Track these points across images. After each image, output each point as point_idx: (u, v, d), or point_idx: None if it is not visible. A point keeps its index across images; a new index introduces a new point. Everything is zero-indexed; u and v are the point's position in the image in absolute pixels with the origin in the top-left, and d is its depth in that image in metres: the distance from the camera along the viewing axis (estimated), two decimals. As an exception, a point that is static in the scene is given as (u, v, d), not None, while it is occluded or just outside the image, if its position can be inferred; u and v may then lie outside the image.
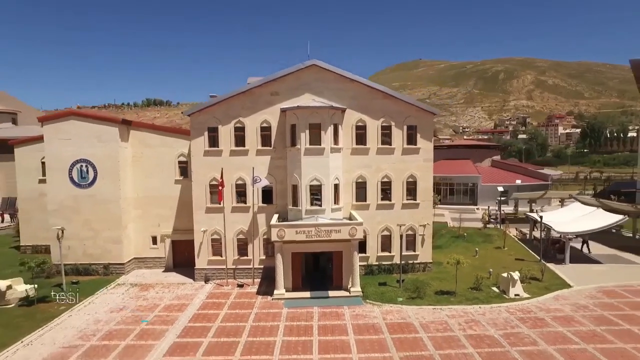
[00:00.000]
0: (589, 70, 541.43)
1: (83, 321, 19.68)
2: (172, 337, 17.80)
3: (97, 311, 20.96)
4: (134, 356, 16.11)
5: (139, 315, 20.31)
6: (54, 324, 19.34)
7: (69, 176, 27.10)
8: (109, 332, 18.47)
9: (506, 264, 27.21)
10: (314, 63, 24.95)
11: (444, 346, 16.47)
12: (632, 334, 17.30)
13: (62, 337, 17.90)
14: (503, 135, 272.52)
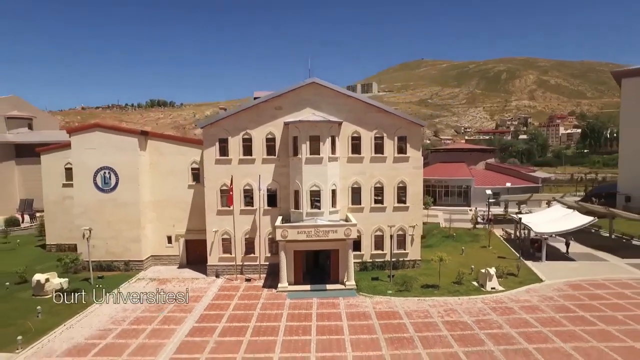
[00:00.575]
0: (592, 69, 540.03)
1: (112, 310, 22.74)
2: (191, 322, 20.85)
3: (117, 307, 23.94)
4: (160, 337, 19.17)
5: (161, 305, 23.34)
6: (88, 311, 22.43)
7: (94, 182, 30.22)
8: (136, 318, 21.53)
9: (488, 262, 30.05)
10: (313, 81, 27.97)
11: (423, 330, 19.44)
12: (584, 319, 20.22)
13: (97, 322, 20.99)
14: (504, 135, 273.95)
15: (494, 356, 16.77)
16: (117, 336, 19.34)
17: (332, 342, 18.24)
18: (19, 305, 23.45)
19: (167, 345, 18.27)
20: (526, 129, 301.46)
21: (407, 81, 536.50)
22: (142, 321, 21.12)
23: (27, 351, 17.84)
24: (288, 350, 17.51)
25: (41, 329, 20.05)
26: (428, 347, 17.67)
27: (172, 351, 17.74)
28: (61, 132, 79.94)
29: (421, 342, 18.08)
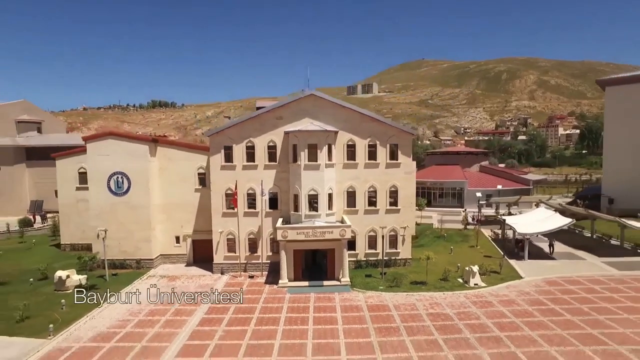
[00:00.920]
0: (592, 70, 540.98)
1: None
2: (201, 314, 23.22)
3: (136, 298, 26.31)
4: (174, 326, 21.55)
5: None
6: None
7: (108, 186, 32.63)
8: (151, 310, 23.91)
9: (475, 260, 32.31)
10: (312, 93, 30.35)
11: (409, 320, 21.79)
12: (553, 310, 22.54)
13: (117, 314, 23.38)
14: (503, 136, 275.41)
15: (469, 342, 19.11)
16: (135, 325, 21.74)
17: (326, 330, 20.60)
18: (44, 299, 25.84)
19: (179, 334, 20.63)
20: (526, 129, 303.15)
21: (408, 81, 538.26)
22: (156, 313, 23.49)
23: (58, 337, 20.23)
24: (288, 338, 19.87)
25: (67, 319, 22.42)
26: (412, 335, 20.01)
27: (184, 338, 20.10)
28: (68, 135, 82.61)
29: (406, 331, 20.43)
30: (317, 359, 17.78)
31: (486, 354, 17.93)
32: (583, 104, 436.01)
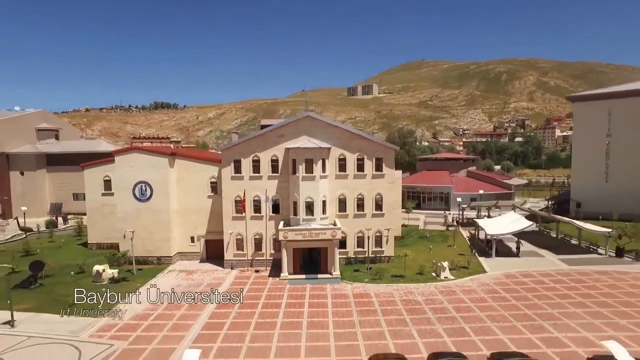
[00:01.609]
0: (592, 70, 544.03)
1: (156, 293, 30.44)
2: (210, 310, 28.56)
3: (161, 287, 31.68)
4: (195, 309, 26.91)
5: (190, 288, 31.05)
6: (137, 293, 30.15)
7: (133, 193, 38.07)
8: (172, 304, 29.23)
9: (449, 257, 37.61)
10: (308, 115, 35.83)
11: (385, 305, 27.16)
12: (503, 297, 27.91)
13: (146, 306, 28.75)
14: (501, 138, 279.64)
15: (430, 320, 24.50)
16: (166, 308, 27.14)
17: (318, 312, 26.01)
18: (85, 289, 31.17)
19: (200, 316, 25.98)
20: (523, 130, 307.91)
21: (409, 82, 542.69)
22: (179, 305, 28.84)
23: (105, 317, 25.62)
24: (287, 317, 25.28)
25: (103, 307, 27.73)
26: (385, 315, 25.39)
27: (204, 320, 25.43)
28: (83, 142, 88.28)
29: (381, 312, 25.82)
30: (311, 332, 23.16)
31: (441, 329, 23.30)
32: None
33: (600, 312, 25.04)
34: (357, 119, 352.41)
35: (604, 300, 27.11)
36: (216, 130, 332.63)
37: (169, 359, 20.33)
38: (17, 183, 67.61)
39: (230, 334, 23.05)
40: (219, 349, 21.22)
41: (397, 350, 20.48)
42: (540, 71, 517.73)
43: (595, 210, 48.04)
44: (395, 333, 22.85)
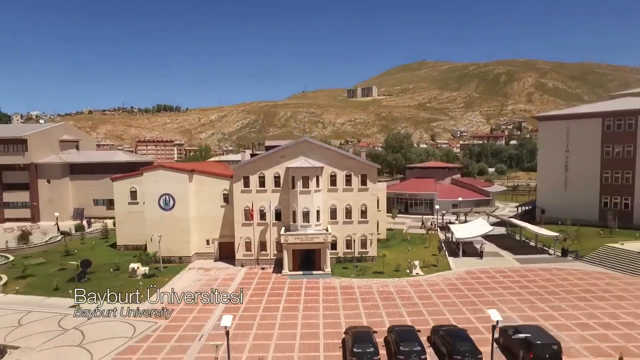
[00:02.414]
0: (591, 72, 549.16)
1: (182, 285, 38.14)
2: (231, 291, 36.23)
3: (186, 283, 39.33)
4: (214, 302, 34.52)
5: (210, 282, 38.72)
6: (166, 287, 37.77)
7: (158, 203, 45.74)
8: (197, 289, 36.88)
9: (423, 257, 45.14)
10: (305, 140, 43.48)
11: (365, 294, 34.79)
12: (459, 289, 35.51)
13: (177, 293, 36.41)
14: (497, 140, 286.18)
15: (397, 305, 32.12)
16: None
17: (312, 299, 33.67)
18: (124, 283, 38.80)
19: (218, 305, 33.59)
20: (520, 133, 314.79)
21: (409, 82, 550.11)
22: (201, 290, 36.50)
23: (144, 303, 33.23)
24: (288, 302, 32.94)
25: (142, 294, 35.40)
26: (364, 302, 33.01)
27: (223, 306, 33.05)
28: (101, 153, 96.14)
29: (361, 300, 33.45)
30: (305, 313, 30.80)
31: (404, 311, 30.93)
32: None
33: (528, 299, 32.67)
34: (356, 121, 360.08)
35: (536, 290, 34.74)
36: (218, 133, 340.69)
37: (201, 330, 28.01)
38: (44, 190, 75.35)
39: (245, 315, 30.67)
40: (240, 317, 28.92)
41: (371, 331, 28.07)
42: (539, 72, 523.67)
43: (556, 216, 55.57)
44: (369, 314, 30.47)
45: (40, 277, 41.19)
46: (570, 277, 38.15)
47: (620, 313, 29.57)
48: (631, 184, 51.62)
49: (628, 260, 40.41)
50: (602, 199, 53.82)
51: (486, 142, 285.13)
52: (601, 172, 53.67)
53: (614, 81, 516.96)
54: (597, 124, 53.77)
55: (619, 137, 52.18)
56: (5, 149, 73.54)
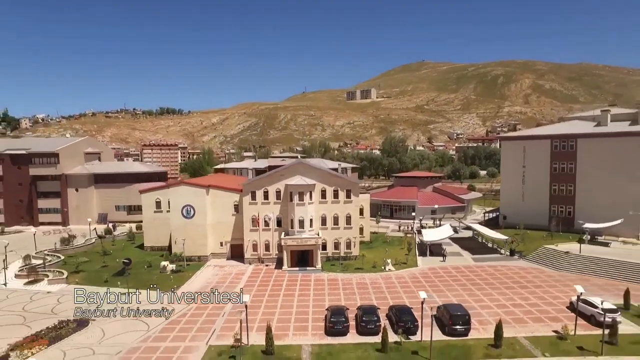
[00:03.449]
0: (589, 73, 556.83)
1: (204, 279, 49.06)
2: (243, 282, 47.18)
3: (207, 276, 50.25)
4: (231, 288, 45.46)
5: (225, 276, 49.64)
6: (191, 280, 48.67)
7: (181, 212, 56.67)
8: (217, 281, 47.89)
9: (398, 256, 55.85)
10: (301, 162, 54.42)
11: (345, 285, 45.71)
12: (419, 280, 46.39)
13: (200, 283, 47.37)
14: (492, 142, 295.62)
15: (368, 292, 43.01)
16: (216, 287, 45.72)
17: (305, 287, 44.63)
18: (157, 277, 49.69)
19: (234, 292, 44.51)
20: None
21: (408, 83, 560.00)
22: (219, 282, 47.49)
23: (178, 291, 44.10)
24: (286, 290, 43.90)
25: (174, 283, 46.35)
26: (344, 290, 43.92)
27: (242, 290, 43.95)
28: (120, 164, 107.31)
29: (342, 288, 44.37)
30: (300, 297, 41.70)
31: (373, 296, 41.80)
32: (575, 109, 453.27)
33: (469, 288, 43.55)
34: (355, 123, 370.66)
35: (477, 282, 45.61)
36: (220, 136, 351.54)
37: (222, 309, 38.89)
38: (73, 197, 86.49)
39: (254, 298, 41.47)
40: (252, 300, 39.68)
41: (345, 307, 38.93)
42: (536, 74, 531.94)
43: (515, 222, 66.22)
44: (346, 298, 41.33)
45: (89, 272, 52.13)
46: (508, 272, 49.02)
47: (532, 297, 40.47)
48: (573, 195, 62.42)
49: (556, 258, 51.28)
50: (551, 207, 64.60)
51: (480, 144, 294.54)
52: (550, 185, 64.44)
53: (610, 83, 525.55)
54: (547, 144, 64.54)
55: (563, 156, 62.96)
56: (40, 161, 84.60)
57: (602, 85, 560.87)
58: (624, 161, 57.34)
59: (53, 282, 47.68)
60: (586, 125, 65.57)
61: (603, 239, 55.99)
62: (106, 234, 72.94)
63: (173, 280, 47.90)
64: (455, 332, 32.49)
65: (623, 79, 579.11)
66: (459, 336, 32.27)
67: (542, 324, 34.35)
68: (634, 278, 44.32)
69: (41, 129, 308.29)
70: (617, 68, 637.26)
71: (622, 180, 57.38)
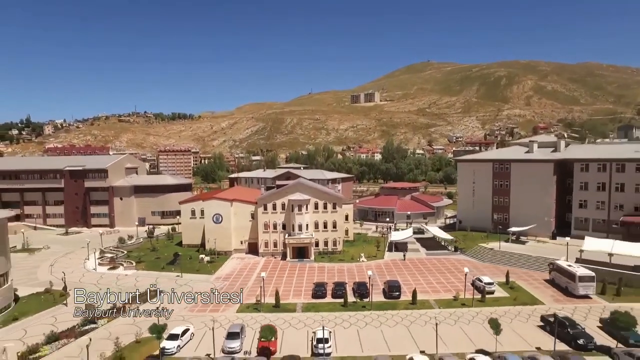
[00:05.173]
0: (591, 73, 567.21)
1: (231, 266, 71.07)
2: (259, 268, 69.04)
3: (232, 265, 72.19)
4: (250, 273, 67.31)
5: (246, 264, 71.53)
6: (222, 267, 70.66)
7: (212, 219, 78.74)
8: (240, 269, 69.93)
9: (371, 252, 77.11)
10: (300, 182, 76.10)
11: (330, 270, 67.46)
12: (381, 268, 67.89)
13: (229, 269, 69.45)
14: (489, 146, 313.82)
15: (345, 275, 64.59)
16: (239, 272, 67.68)
17: (302, 272, 66.49)
18: (198, 265, 71.65)
19: (253, 275, 66.28)
20: (511, 138, 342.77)
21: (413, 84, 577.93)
22: (242, 270, 69.48)
23: (214, 275, 66.03)
24: (289, 274, 65.82)
25: (211, 270, 68.27)
26: (328, 273, 65.62)
27: (257, 274, 65.72)
28: (153, 177, 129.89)
29: (327, 272, 66.11)
30: (298, 279, 63.41)
31: (347, 277, 63.32)
32: (575, 110, 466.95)
33: (413, 272, 64.88)
34: (358, 127, 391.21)
35: (421, 269, 66.90)
36: (229, 140, 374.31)
37: (246, 284, 60.58)
38: (118, 205, 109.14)
39: (267, 277, 63.16)
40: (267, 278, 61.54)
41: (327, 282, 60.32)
42: (539, 75, 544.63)
43: (468, 225, 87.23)
44: (329, 277, 62.81)
45: (148, 262, 74.24)
46: (447, 263, 70.14)
47: (452, 277, 61.72)
48: (508, 205, 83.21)
49: (484, 253, 72.33)
50: (493, 214, 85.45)
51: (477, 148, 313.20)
52: (492, 197, 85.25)
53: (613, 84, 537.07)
54: (489, 166, 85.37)
55: (501, 176, 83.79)
56: (93, 176, 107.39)
57: (605, 87, 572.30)
58: (540, 180, 78.17)
59: (127, 268, 69.91)
60: (520, 150, 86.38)
61: (526, 239, 76.91)
62: (149, 235, 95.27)
63: (210, 267, 69.86)
64: (392, 296, 53.92)
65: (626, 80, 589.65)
66: (393, 299, 53.63)
67: (449, 292, 55.54)
68: (524, 265, 65.51)
69: (63, 135, 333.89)
70: (621, 68, 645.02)
71: (540, 195, 78.22)
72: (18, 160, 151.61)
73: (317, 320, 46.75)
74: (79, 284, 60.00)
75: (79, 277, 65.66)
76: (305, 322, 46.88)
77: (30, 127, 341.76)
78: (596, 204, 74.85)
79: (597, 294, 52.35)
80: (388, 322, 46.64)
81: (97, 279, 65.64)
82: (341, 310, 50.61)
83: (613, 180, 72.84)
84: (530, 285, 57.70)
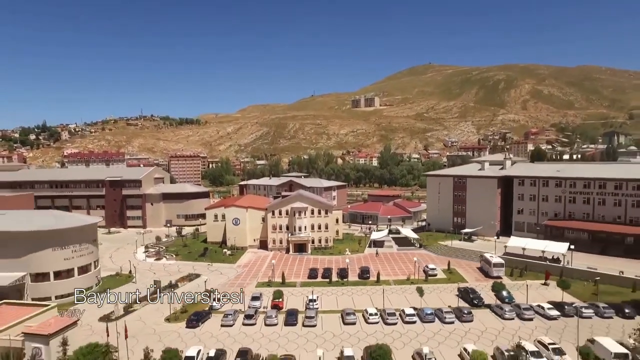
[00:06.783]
0: (589, 77, 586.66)
1: (247, 258, 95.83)
2: (268, 260, 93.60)
3: (248, 257, 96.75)
4: (262, 262, 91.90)
5: (259, 256, 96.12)
6: (241, 259, 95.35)
7: (232, 222, 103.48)
8: (255, 260, 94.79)
9: (355, 248, 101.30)
10: (300, 194, 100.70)
11: (322, 261, 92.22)
12: (361, 259, 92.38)
13: (246, 259, 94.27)
14: (482, 151, 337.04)
15: (332, 264, 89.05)
16: (254, 261, 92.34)
17: (302, 262, 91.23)
18: (222, 257, 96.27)
19: (265, 264, 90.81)
20: (504, 143, 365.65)
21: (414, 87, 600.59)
22: (256, 261, 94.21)
23: (235, 264, 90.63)
24: (291, 262, 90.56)
25: (232, 260, 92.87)
26: (320, 263, 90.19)
27: (267, 263, 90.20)
28: (177, 185, 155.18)
29: (320, 262, 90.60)
30: (298, 266, 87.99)
31: (333, 265, 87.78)
32: (569, 115, 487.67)
33: (383, 261, 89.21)
34: (358, 132, 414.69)
35: (390, 259, 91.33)
36: (235, 144, 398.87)
37: (260, 270, 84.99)
38: (149, 209, 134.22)
39: (276, 265, 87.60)
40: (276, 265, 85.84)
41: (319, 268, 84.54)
42: (537, 78, 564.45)
43: (435, 227, 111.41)
44: (320, 265, 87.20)
45: (182, 255, 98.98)
46: (411, 256, 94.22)
47: (410, 265, 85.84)
48: (464, 211, 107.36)
49: (440, 249, 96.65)
50: (453, 218, 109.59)
51: (470, 153, 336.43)
52: (453, 205, 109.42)
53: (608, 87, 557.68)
54: (451, 180, 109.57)
55: (459, 188, 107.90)
56: (129, 185, 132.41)
57: (600, 91, 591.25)
58: (488, 192, 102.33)
59: (170, 259, 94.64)
60: (475, 167, 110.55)
61: (475, 238, 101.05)
62: (178, 234, 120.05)
63: (232, 258, 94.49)
64: (363, 277, 78.44)
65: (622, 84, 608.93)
66: (364, 279, 78.04)
67: (404, 275, 79.77)
68: (466, 257, 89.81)
69: (78, 140, 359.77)
70: (618, 71, 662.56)
71: (488, 203, 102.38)
72: (66, 171, 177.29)
73: (310, 291, 71.15)
74: (139, 270, 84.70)
75: (135, 265, 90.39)
76: (302, 292, 71.38)
77: (47, 132, 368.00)
78: (529, 210, 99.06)
79: (507, 275, 76.55)
80: (358, 293, 71.13)
81: (149, 266, 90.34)
82: (327, 286, 75.09)
83: (540, 193, 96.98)
84: (465, 270, 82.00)
